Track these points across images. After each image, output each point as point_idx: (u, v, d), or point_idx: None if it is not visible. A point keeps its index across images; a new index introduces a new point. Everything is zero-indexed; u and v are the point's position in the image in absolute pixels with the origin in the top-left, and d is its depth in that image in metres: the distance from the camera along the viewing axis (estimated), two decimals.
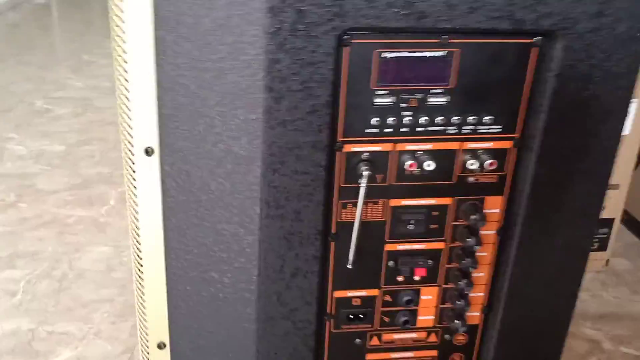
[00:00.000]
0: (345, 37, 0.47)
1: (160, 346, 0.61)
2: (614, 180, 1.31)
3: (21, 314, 1.18)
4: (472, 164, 0.54)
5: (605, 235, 1.39)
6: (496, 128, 0.53)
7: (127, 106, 0.49)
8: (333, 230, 0.56)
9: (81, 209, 1.58)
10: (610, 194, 1.34)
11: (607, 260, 1.42)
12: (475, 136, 0.53)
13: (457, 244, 0.58)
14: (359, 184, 0.53)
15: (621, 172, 1.29)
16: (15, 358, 1.07)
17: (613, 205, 1.34)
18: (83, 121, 2.15)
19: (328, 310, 0.60)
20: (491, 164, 0.54)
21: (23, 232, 1.48)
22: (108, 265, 1.34)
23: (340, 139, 0.52)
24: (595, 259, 1.40)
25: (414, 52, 0.49)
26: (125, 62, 0.47)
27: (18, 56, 2.87)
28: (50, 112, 2.23)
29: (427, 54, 0.49)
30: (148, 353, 0.62)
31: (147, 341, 0.61)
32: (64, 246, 1.41)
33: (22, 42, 3.11)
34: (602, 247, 1.39)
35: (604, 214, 1.36)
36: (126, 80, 0.48)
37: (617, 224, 1.37)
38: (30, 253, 1.39)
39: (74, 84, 2.51)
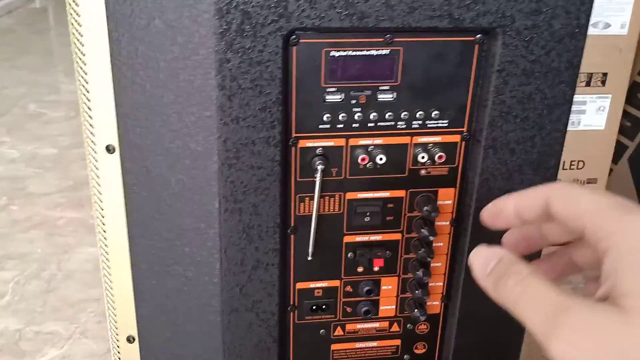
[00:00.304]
0: (292, 37, 0.50)
1: (130, 340, 0.63)
2: (592, 174, 1.33)
3: (9, 314, 1.20)
4: (422, 158, 0.56)
5: None
6: (444, 123, 0.55)
7: (87, 106, 0.51)
8: (292, 223, 0.58)
9: (71, 210, 1.60)
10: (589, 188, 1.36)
11: None
12: (424, 131, 0.56)
13: (413, 235, 0.61)
14: (315, 178, 0.56)
15: (598, 167, 1.32)
16: (2, 358, 1.09)
17: None
18: (75, 124, 2.17)
19: (291, 302, 0.62)
20: (440, 157, 0.56)
21: (14, 234, 1.50)
22: (96, 266, 1.36)
23: (294, 134, 0.54)
24: None
25: (360, 50, 0.51)
26: (84, 63, 0.49)
27: (12, 60, 2.90)
28: (43, 116, 2.26)
29: (373, 52, 0.51)
30: (118, 347, 0.64)
31: (117, 335, 0.63)
32: (54, 247, 1.44)
33: (16, 46, 3.14)
34: None
35: None
36: (85, 81, 0.50)
37: None
38: (20, 254, 1.41)
39: (67, 87, 2.53)
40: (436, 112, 0.55)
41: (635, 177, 1.51)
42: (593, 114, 1.25)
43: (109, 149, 0.53)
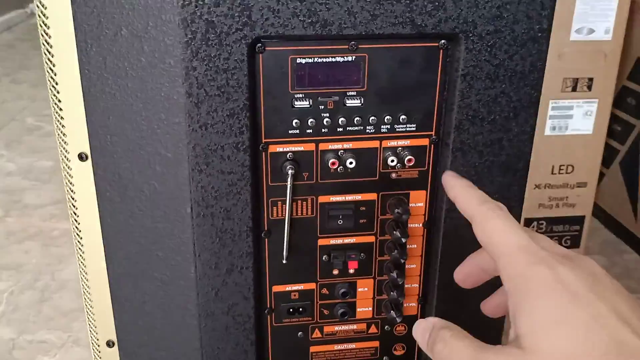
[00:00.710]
0: (258, 45, 0.51)
1: (109, 344, 0.64)
2: (582, 178, 1.34)
3: (3, 324, 1.21)
4: (392, 161, 0.57)
5: (577, 233, 1.41)
6: (412, 127, 0.56)
7: (59, 115, 0.52)
8: (265, 227, 0.59)
9: (66, 221, 1.61)
10: (579, 192, 1.36)
11: None
12: (393, 135, 0.57)
13: (386, 237, 0.61)
14: (286, 182, 0.57)
15: (588, 171, 1.32)
16: None
17: (582, 203, 1.37)
18: None
19: (268, 305, 0.63)
20: (409, 161, 0.57)
21: (9, 246, 1.51)
22: None
23: (264, 140, 0.55)
24: None
25: (326, 57, 0.52)
26: (54, 73, 0.51)
27: (11, 76, 2.92)
28: (41, 129, 2.28)
29: (339, 59, 0.53)
30: (99, 352, 0.65)
31: (97, 339, 0.64)
32: (48, 258, 1.45)
33: (15, 61, 3.17)
34: (575, 244, 1.42)
35: (575, 211, 1.39)
36: (56, 90, 0.51)
37: (587, 221, 1.40)
38: (15, 265, 1.42)
39: None
40: (404, 116, 0.56)
41: (627, 181, 1.51)
42: (580, 118, 1.25)
43: (82, 157, 0.54)
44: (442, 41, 0.53)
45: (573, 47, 1.16)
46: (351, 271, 0.63)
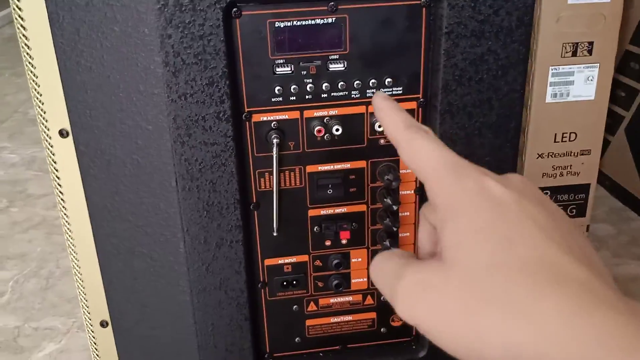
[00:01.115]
0: (234, 9, 0.49)
1: (103, 324, 0.63)
2: (585, 145, 1.32)
3: (8, 312, 1.22)
4: (379, 127, 0.56)
5: (582, 201, 1.39)
6: (398, 90, 0.55)
7: (37, 91, 0.52)
8: (254, 199, 0.58)
9: None
10: (583, 160, 1.34)
11: (588, 226, 1.42)
12: None
13: (378, 205, 0.60)
14: (272, 152, 0.55)
15: (591, 138, 1.30)
16: (1, 354, 1.10)
17: (587, 171, 1.35)
18: None
19: (260, 279, 0.62)
20: None
21: (13, 235, 1.52)
22: None
23: (247, 109, 0.54)
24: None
25: (305, 20, 0.51)
26: (29, 48, 0.50)
27: (13, 69, 2.92)
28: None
29: (318, 21, 0.51)
30: (93, 332, 0.64)
31: (90, 320, 0.63)
32: (52, 246, 1.45)
33: (17, 55, 3.16)
34: (581, 213, 1.40)
35: (579, 180, 1.37)
36: (32, 65, 0.50)
37: (592, 189, 1.38)
38: (20, 254, 1.43)
39: None
40: (389, 79, 0.55)
41: (632, 147, 1.49)
42: (582, 84, 1.23)
43: (62, 133, 0.53)
44: None
45: (571, 11, 1.13)
46: (344, 242, 0.62)
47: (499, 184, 0.30)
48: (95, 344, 0.64)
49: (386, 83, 0.55)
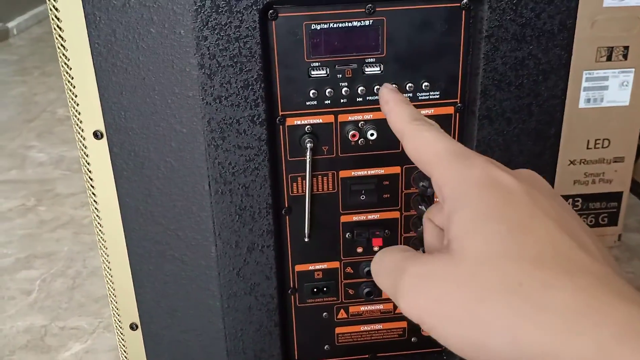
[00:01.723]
0: (270, 11, 0.49)
1: (133, 327, 0.63)
2: (619, 152, 1.29)
3: (35, 311, 1.23)
4: None
5: (614, 210, 1.36)
6: (435, 94, 0.54)
7: (72, 92, 0.51)
8: (286, 204, 0.57)
9: None
10: (616, 167, 1.31)
11: (620, 235, 1.39)
12: (416, 103, 0.54)
13: (412, 212, 0.59)
14: (305, 157, 0.55)
15: (625, 144, 1.27)
16: (28, 353, 1.11)
17: (620, 178, 1.32)
18: None
19: (291, 285, 0.62)
20: None
21: (41, 234, 1.53)
22: None
23: (281, 112, 0.53)
24: (607, 234, 1.38)
25: (342, 22, 0.50)
26: (65, 49, 0.50)
27: (42, 68, 2.96)
28: (71, 119, 2.30)
29: (355, 23, 0.50)
30: (122, 334, 0.64)
31: (120, 322, 0.63)
32: (79, 245, 1.46)
33: (46, 54, 3.21)
34: (613, 221, 1.37)
35: (612, 187, 1.34)
36: (68, 67, 0.50)
37: (625, 197, 1.35)
38: (47, 253, 1.44)
39: None
40: (427, 83, 0.53)
41: None
42: (616, 89, 1.20)
43: (97, 135, 0.53)
44: (464, 0, 0.50)
45: (606, 14, 1.10)
46: (375, 248, 0.61)
47: (508, 174, 0.29)
48: (124, 346, 0.64)
49: (423, 87, 0.53)
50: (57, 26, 0.49)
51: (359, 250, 0.61)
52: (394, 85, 0.38)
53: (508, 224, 0.27)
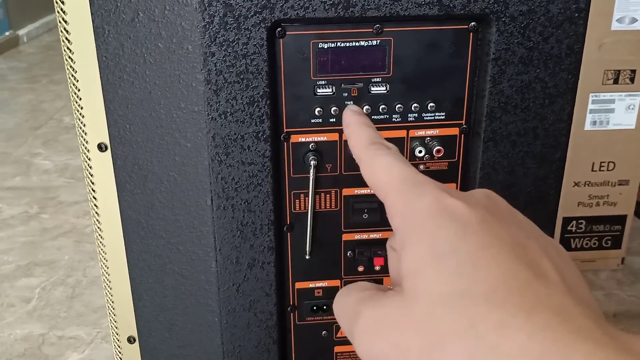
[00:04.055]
0: (278, 29, 0.49)
1: (130, 340, 0.63)
2: (624, 175, 1.28)
3: (34, 320, 1.22)
4: (420, 152, 0.55)
5: (617, 233, 1.35)
6: (441, 115, 0.54)
7: (78, 104, 0.51)
8: (287, 221, 0.57)
9: None
10: (621, 190, 1.31)
11: (623, 258, 1.38)
12: (421, 124, 0.54)
13: None
14: (308, 174, 0.54)
15: (630, 168, 1.27)
16: None
17: (624, 201, 1.31)
18: None
19: (290, 302, 0.61)
20: (438, 151, 0.54)
21: (43, 242, 1.53)
22: None
23: (285, 129, 0.53)
24: (610, 257, 1.37)
25: (350, 42, 0.50)
26: (73, 61, 0.50)
27: (50, 76, 2.98)
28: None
29: (363, 43, 0.50)
30: (120, 347, 0.64)
31: (118, 335, 0.63)
32: (80, 254, 1.46)
33: (55, 62, 3.23)
34: (616, 244, 1.36)
35: (616, 210, 1.33)
36: (75, 78, 0.50)
37: (629, 220, 1.34)
38: (48, 261, 1.44)
39: None
40: (432, 104, 0.53)
41: None
42: (622, 112, 1.20)
43: (101, 147, 0.53)
44: (472, 23, 0.50)
45: (614, 37, 1.11)
46: (377, 268, 0.60)
47: (461, 202, 0.27)
48: (121, 359, 0.64)
49: (429, 108, 0.53)
50: (66, 38, 0.49)
51: (360, 269, 0.60)
52: (357, 108, 0.38)
53: (458, 258, 0.25)
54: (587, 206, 1.31)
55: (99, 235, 0.58)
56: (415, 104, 0.53)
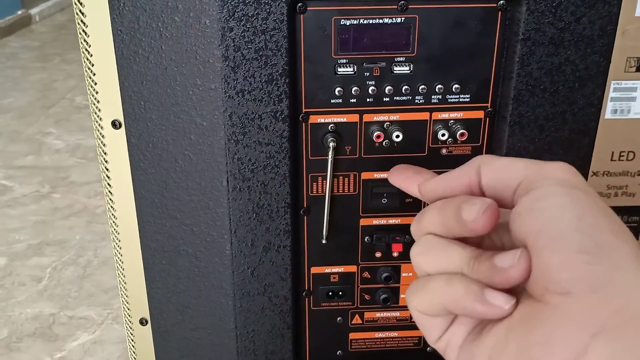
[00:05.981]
0: (299, 4, 0.47)
1: (142, 322, 0.62)
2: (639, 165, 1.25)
3: (45, 299, 1.22)
4: (443, 135, 0.53)
5: (635, 224, 1.33)
6: (465, 97, 0.52)
7: (92, 80, 0.50)
8: (304, 204, 0.56)
9: None
10: (639, 180, 1.28)
11: None
12: (445, 106, 0.52)
13: None
14: (327, 156, 0.53)
15: None
16: (35, 341, 1.11)
17: None
18: None
19: (306, 287, 0.60)
20: (462, 135, 0.52)
21: (54, 222, 1.53)
22: None
23: (304, 109, 0.52)
24: None
25: (373, 19, 0.48)
26: (87, 35, 0.48)
27: (63, 55, 2.97)
28: (89, 108, 2.30)
29: (386, 20, 0.48)
30: (132, 329, 0.63)
31: (130, 317, 0.62)
32: (91, 234, 1.46)
33: (67, 42, 3.23)
34: (634, 235, 1.34)
35: (635, 201, 1.31)
36: (89, 53, 0.49)
37: None
38: (59, 241, 1.44)
39: None
40: (457, 85, 0.51)
41: None
42: None
43: (115, 124, 0.51)
44: (501, 1, 0.48)
45: (638, 24, 1.07)
46: (395, 254, 0.59)
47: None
48: (133, 341, 0.63)
49: (453, 89, 0.52)
50: (80, 11, 0.48)
51: (378, 255, 0.59)
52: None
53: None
54: (606, 196, 1.28)
55: (112, 214, 0.57)
56: (440, 85, 0.51)
